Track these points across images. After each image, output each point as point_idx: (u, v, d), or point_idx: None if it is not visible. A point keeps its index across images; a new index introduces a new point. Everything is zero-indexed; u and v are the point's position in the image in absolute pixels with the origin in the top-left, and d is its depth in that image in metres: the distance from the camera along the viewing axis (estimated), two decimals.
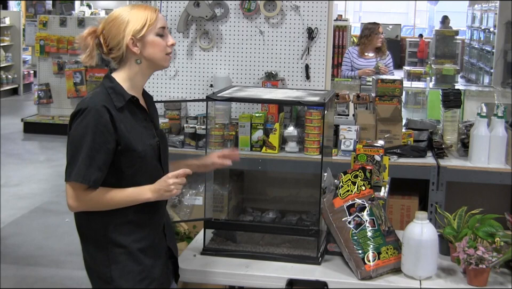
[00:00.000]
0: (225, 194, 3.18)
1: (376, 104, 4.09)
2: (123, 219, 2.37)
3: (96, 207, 2.34)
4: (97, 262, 2.40)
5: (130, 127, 2.34)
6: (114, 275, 2.37)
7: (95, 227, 2.38)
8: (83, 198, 2.30)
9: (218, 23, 4.37)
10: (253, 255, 2.74)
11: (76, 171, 2.26)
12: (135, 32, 2.35)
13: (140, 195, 2.35)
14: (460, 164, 3.91)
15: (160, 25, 2.40)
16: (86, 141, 2.25)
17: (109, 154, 2.29)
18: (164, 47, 2.41)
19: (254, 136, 3.97)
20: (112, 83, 2.37)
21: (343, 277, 2.60)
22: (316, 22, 4.28)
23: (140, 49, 2.37)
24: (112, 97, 2.33)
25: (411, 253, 2.54)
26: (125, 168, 2.34)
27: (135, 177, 2.36)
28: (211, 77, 4.40)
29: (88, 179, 2.27)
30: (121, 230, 2.37)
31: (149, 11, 2.38)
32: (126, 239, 2.37)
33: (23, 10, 15.27)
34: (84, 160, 2.26)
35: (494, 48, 10.02)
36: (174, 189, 2.35)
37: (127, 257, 2.37)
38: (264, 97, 3.06)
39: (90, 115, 2.26)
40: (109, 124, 2.28)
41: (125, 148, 2.31)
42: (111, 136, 2.28)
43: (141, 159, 2.36)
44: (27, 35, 11.93)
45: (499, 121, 3.85)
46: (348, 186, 2.68)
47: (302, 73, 4.33)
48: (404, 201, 3.95)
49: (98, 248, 2.39)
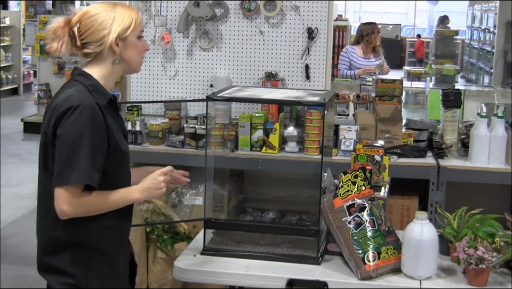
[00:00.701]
0: (225, 194, 3.18)
1: (376, 104, 4.09)
2: (102, 225, 2.26)
3: (89, 211, 2.21)
4: (72, 267, 2.26)
5: (112, 126, 2.26)
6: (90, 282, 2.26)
7: (76, 233, 2.24)
8: (79, 202, 2.16)
9: (218, 23, 4.37)
10: (253, 255, 2.74)
11: (78, 172, 2.12)
12: (121, 30, 2.28)
13: (130, 196, 2.28)
14: (460, 164, 3.91)
15: (141, 28, 2.37)
16: (85, 140, 2.13)
17: (105, 154, 2.20)
18: (141, 50, 2.37)
19: (254, 136, 3.97)
20: (91, 80, 2.26)
21: (343, 277, 2.60)
22: (316, 22, 4.28)
23: (121, 49, 2.30)
24: (94, 95, 2.22)
25: (411, 253, 2.54)
26: (109, 168, 2.23)
27: (117, 180, 2.28)
28: (211, 77, 4.40)
29: (94, 179, 2.16)
30: (101, 235, 2.26)
31: (134, 12, 2.34)
32: (106, 245, 2.28)
33: (23, 10, 15.26)
34: (87, 160, 2.13)
35: (494, 48, 10.01)
36: (164, 186, 2.31)
37: (105, 264, 2.28)
38: (264, 97, 3.06)
39: (86, 113, 2.15)
40: (103, 122, 2.20)
41: (114, 148, 2.24)
42: (105, 135, 2.20)
43: (125, 159, 2.31)
44: (27, 35, 11.92)
45: (499, 121, 3.85)
46: (348, 186, 2.68)
47: (302, 73, 4.33)
48: (404, 201, 3.95)
49: (76, 254, 2.25)
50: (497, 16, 9.87)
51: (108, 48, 2.28)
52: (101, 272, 2.27)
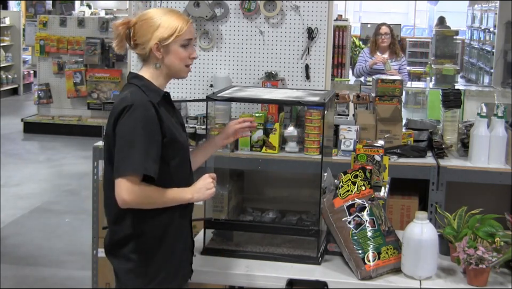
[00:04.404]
0: (225, 194, 3.18)
1: (376, 104, 4.09)
2: (163, 220, 2.44)
3: (147, 203, 2.37)
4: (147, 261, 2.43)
5: (168, 120, 2.42)
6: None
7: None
8: (138, 191, 2.31)
9: (218, 23, 4.38)
10: (253, 255, 2.74)
11: (133, 164, 2.29)
12: (161, 38, 2.41)
13: (183, 196, 2.43)
14: (460, 164, 3.91)
15: (187, 37, 2.45)
16: (139, 135, 2.31)
17: (160, 147, 2.35)
18: (185, 58, 2.47)
19: (254, 136, 3.97)
20: (143, 81, 2.44)
21: (343, 277, 2.60)
22: (316, 22, 4.28)
23: (162, 54, 2.43)
24: (147, 94, 2.40)
25: (411, 253, 2.54)
26: (170, 160, 2.40)
27: (178, 169, 2.44)
28: (211, 77, 4.40)
29: (149, 170, 2.31)
30: (163, 229, 2.44)
31: (181, 21, 2.44)
32: (167, 237, 2.45)
33: (23, 10, 15.27)
34: (141, 153, 2.30)
35: (494, 48, 10.01)
36: (213, 186, 2.47)
37: (165, 254, 2.46)
38: (264, 97, 3.06)
39: (138, 110, 2.32)
40: (155, 117, 2.35)
41: (170, 140, 2.39)
42: (159, 129, 2.35)
43: (183, 149, 2.47)
44: (27, 35, 11.94)
45: (499, 121, 3.85)
46: (347, 186, 2.68)
47: (302, 73, 4.33)
48: (404, 201, 3.95)
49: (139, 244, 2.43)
50: (497, 16, 9.87)
51: (150, 52, 2.44)
52: (160, 261, 2.43)
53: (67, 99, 10.17)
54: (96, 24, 10.13)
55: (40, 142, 9.76)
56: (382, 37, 6.95)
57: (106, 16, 11.16)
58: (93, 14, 12.99)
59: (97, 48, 9.90)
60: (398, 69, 6.82)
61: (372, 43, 7.13)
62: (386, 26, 7.04)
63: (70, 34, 10.09)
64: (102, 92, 9.89)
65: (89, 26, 10.13)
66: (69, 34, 10.09)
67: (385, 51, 6.94)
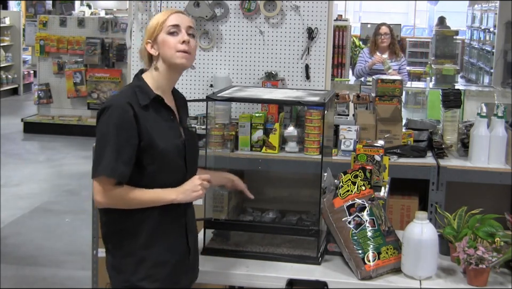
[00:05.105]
0: (225, 194, 3.17)
1: (376, 104, 4.09)
2: (142, 218, 2.43)
3: (122, 204, 2.38)
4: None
5: (154, 124, 2.40)
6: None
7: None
8: (110, 193, 2.34)
9: (218, 23, 4.38)
10: (253, 255, 2.74)
11: (102, 165, 2.31)
12: (149, 35, 2.46)
13: (166, 196, 2.41)
14: (460, 164, 3.91)
15: (171, 23, 2.45)
16: (112, 137, 2.32)
17: (134, 149, 2.35)
18: (174, 44, 2.44)
19: (254, 136, 3.97)
20: (139, 82, 2.46)
21: (343, 277, 2.60)
22: (316, 22, 4.28)
23: (156, 50, 2.46)
24: (137, 95, 2.40)
25: (411, 253, 2.54)
26: (146, 164, 2.38)
27: (156, 175, 2.40)
28: (211, 77, 4.40)
29: (115, 172, 2.32)
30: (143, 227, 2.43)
31: (165, 14, 2.47)
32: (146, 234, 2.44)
33: (23, 10, 15.27)
34: (111, 155, 2.31)
35: (494, 48, 10.01)
36: (200, 189, 2.43)
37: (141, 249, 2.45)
38: (264, 97, 3.06)
39: (115, 112, 2.34)
40: (132, 120, 2.34)
41: (147, 144, 2.37)
42: (135, 132, 2.35)
43: (162, 156, 2.40)
44: (27, 35, 11.94)
45: (499, 121, 3.85)
46: (348, 186, 2.68)
47: (302, 73, 4.33)
48: (404, 201, 3.95)
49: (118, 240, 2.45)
50: (497, 16, 9.88)
51: (149, 54, 2.48)
52: (137, 259, 2.42)
53: (67, 99, 10.18)
54: (96, 24, 10.13)
55: (40, 142, 9.77)
56: (382, 37, 6.96)
57: (106, 16, 11.15)
58: (93, 14, 12.99)
59: (97, 48, 9.91)
60: (398, 69, 6.82)
61: (372, 44, 7.15)
62: (386, 26, 7.04)
63: (70, 34, 10.09)
64: (102, 92, 9.90)
65: (89, 26, 10.14)
66: (69, 34, 10.10)
67: (385, 52, 6.95)
